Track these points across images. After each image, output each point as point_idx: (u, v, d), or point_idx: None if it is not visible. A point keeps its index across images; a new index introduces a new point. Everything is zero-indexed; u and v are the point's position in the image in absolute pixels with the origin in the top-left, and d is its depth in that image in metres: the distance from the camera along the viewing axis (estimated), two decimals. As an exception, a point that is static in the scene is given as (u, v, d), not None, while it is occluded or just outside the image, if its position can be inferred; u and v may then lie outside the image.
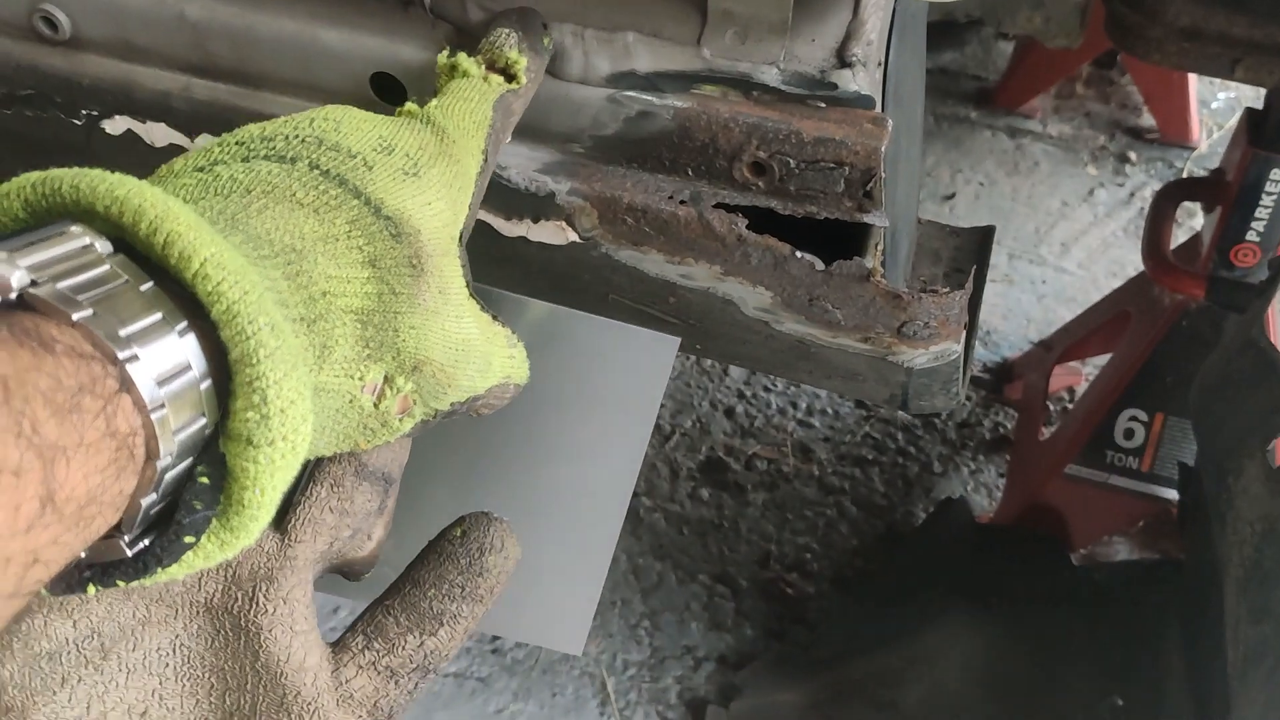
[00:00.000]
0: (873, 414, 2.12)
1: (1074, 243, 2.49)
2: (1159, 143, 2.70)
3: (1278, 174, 1.47)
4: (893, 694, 1.65)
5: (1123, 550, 1.91)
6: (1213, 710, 1.31)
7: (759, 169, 0.69)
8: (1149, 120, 2.73)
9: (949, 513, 1.90)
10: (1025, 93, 2.75)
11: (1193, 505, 1.50)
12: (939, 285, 0.80)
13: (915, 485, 2.03)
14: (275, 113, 0.76)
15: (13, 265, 0.37)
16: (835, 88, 0.67)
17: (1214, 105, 2.82)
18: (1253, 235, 1.52)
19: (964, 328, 0.75)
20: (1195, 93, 2.66)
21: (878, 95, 0.68)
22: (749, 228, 0.71)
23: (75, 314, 0.37)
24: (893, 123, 0.68)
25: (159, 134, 0.79)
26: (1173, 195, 1.67)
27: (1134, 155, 2.68)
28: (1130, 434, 1.72)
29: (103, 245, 0.40)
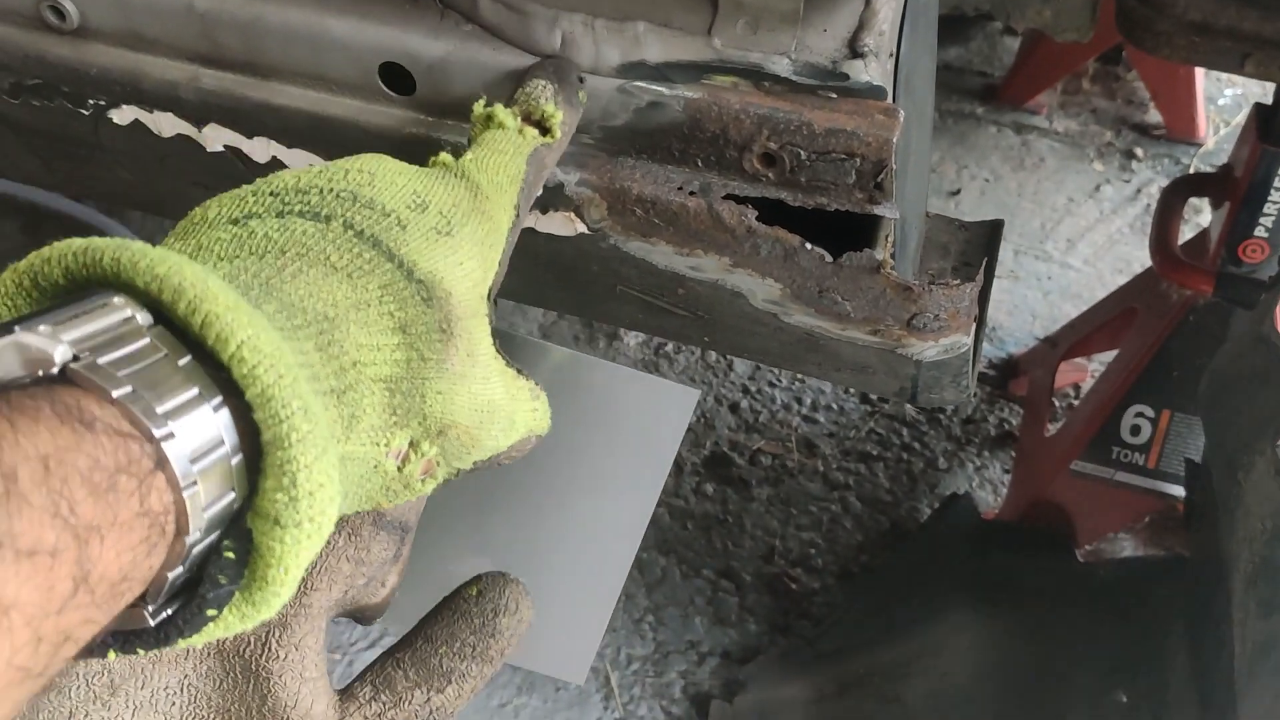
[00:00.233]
0: (878, 410, 2.12)
1: (1080, 239, 2.49)
2: (1165, 139, 2.69)
3: (1287, 170, 1.46)
4: (897, 689, 1.65)
5: (1128, 547, 1.91)
6: (1218, 705, 1.31)
7: (769, 160, 0.69)
8: (1155, 117, 2.72)
9: (954, 508, 1.90)
10: (1031, 89, 2.74)
11: (1200, 501, 1.50)
12: (948, 278, 0.80)
13: (920, 481, 2.02)
14: (283, 103, 0.76)
15: (56, 340, 0.37)
16: (847, 78, 0.67)
17: (1221, 102, 2.81)
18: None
19: (974, 320, 0.75)
20: (1202, 89, 2.65)
21: (889, 86, 0.68)
22: (758, 219, 0.71)
23: (115, 391, 0.37)
24: (904, 114, 0.67)
25: (166, 124, 0.79)
26: (1181, 191, 1.67)
27: (1140, 152, 2.67)
28: (1137, 430, 1.72)
29: (143, 317, 0.41)
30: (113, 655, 0.42)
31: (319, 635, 0.51)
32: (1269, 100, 1.48)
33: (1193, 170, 2.61)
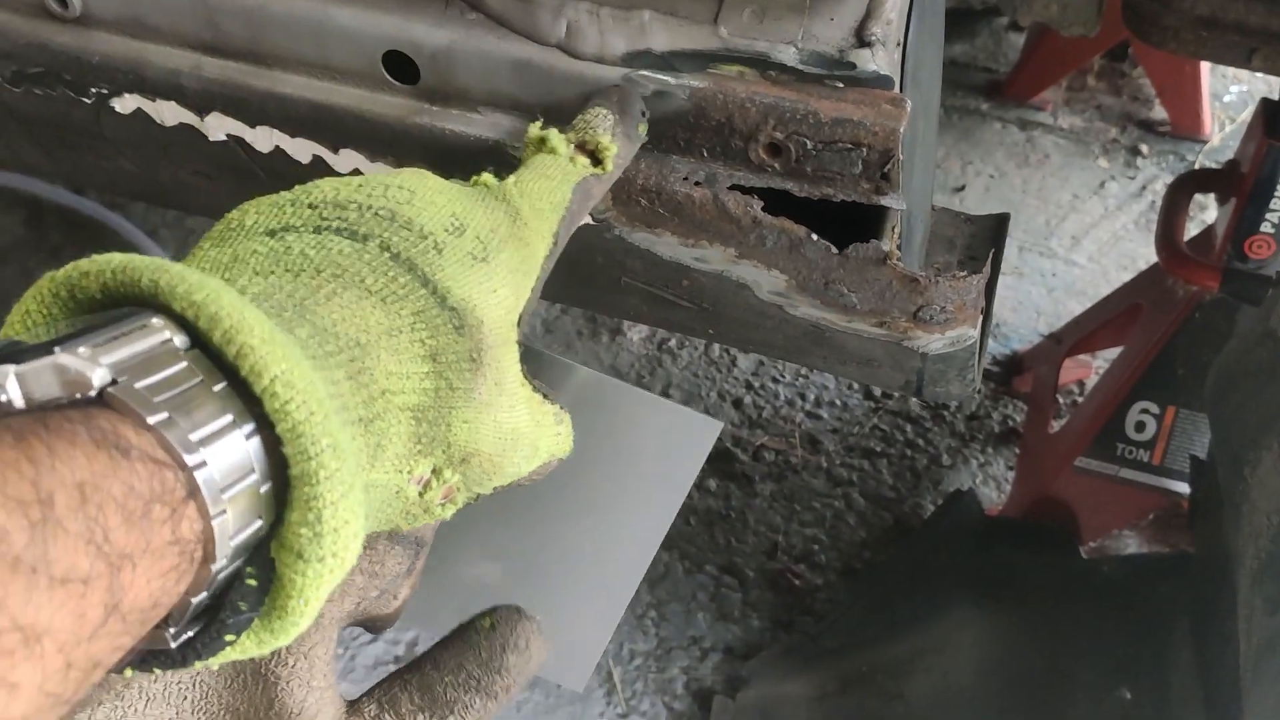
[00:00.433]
0: (881, 406, 2.11)
1: (1084, 236, 2.48)
2: (1171, 136, 2.69)
3: (1294, 165, 1.46)
4: (900, 685, 1.65)
5: (1132, 544, 1.90)
6: (1223, 702, 1.30)
7: (775, 150, 0.69)
8: (1161, 113, 2.71)
9: (958, 505, 1.89)
10: (1036, 85, 2.73)
11: (1204, 498, 1.49)
12: (955, 271, 0.79)
13: (923, 477, 2.02)
14: (287, 92, 0.75)
15: (95, 363, 0.37)
16: (854, 67, 0.66)
17: (1226, 98, 2.80)
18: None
19: (980, 313, 0.74)
20: (1208, 86, 2.65)
21: (896, 76, 0.67)
22: (764, 210, 0.70)
23: (151, 417, 0.38)
24: (911, 104, 0.67)
25: (169, 112, 0.78)
26: (1187, 187, 1.66)
27: (1145, 148, 2.66)
28: (1141, 427, 1.71)
29: (180, 340, 0.41)
30: (129, 673, 0.42)
31: (329, 645, 0.51)
32: (1275, 96, 1.48)
33: (1198, 167, 2.60)
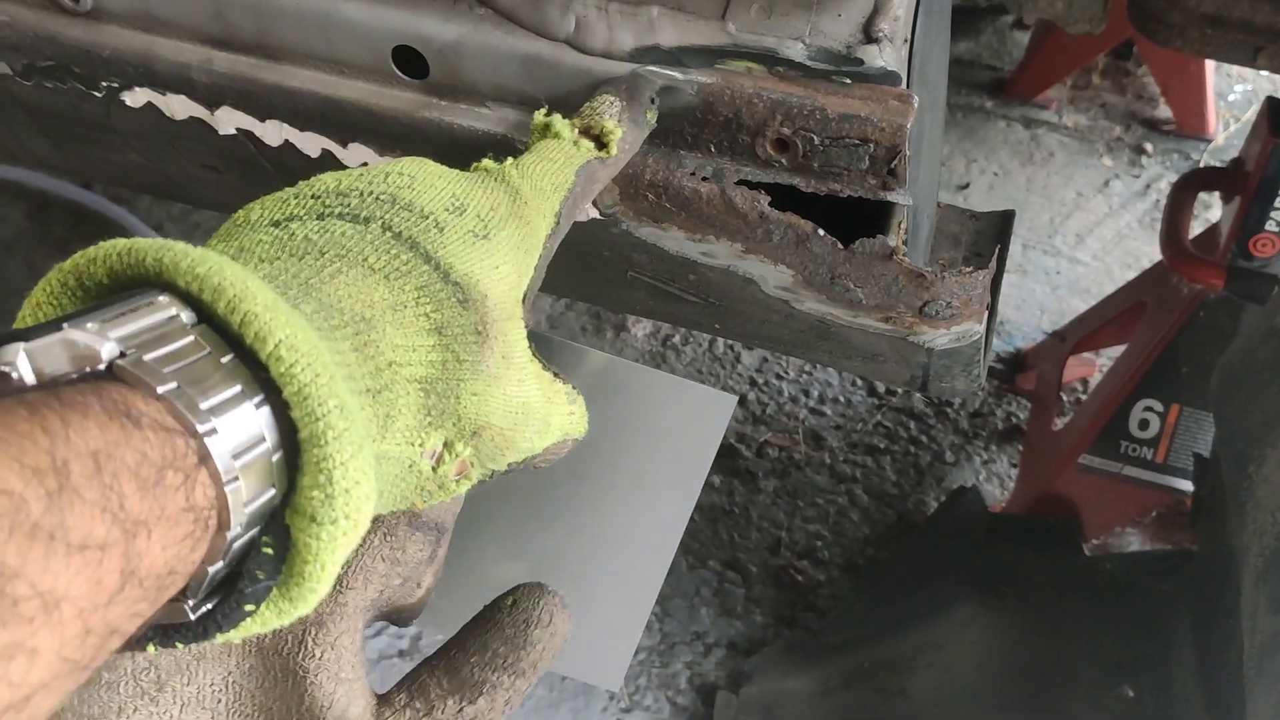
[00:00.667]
0: (885, 403, 2.11)
1: (1088, 234, 2.48)
2: (1175, 134, 2.69)
3: (1298, 164, 1.46)
4: (902, 681, 1.65)
5: (1134, 541, 1.90)
6: (1225, 700, 1.31)
7: (782, 145, 0.69)
8: (1165, 112, 2.71)
9: (961, 501, 1.89)
10: (1041, 83, 2.73)
11: (1208, 496, 1.50)
12: (961, 267, 0.80)
13: (927, 474, 2.02)
14: (296, 86, 0.75)
15: (103, 337, 0.38)
16: (861, 63, 0.67)
17: (1231, 98, 2.80)
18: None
19: (986, 308, 0.75)
20: (1212, 85, 2.65)
21: (904, 72, 0.67)
22: (771, 205, 0.70)
23: (160, 387, 0.38)
24: (918, 100, 0.67)
25: (179, 106, 0.79)
26: (1191, 185, 1.66)
27: (1150, 147, 2.66)
28: (1145, 425, 1.71)
29: (187, 316, 0.41)
30: (152, 649, 0.42)
31: (355, 635, 0.52)
32: (1281, 94, 1.48)
33: (1202, 165, 2.60)
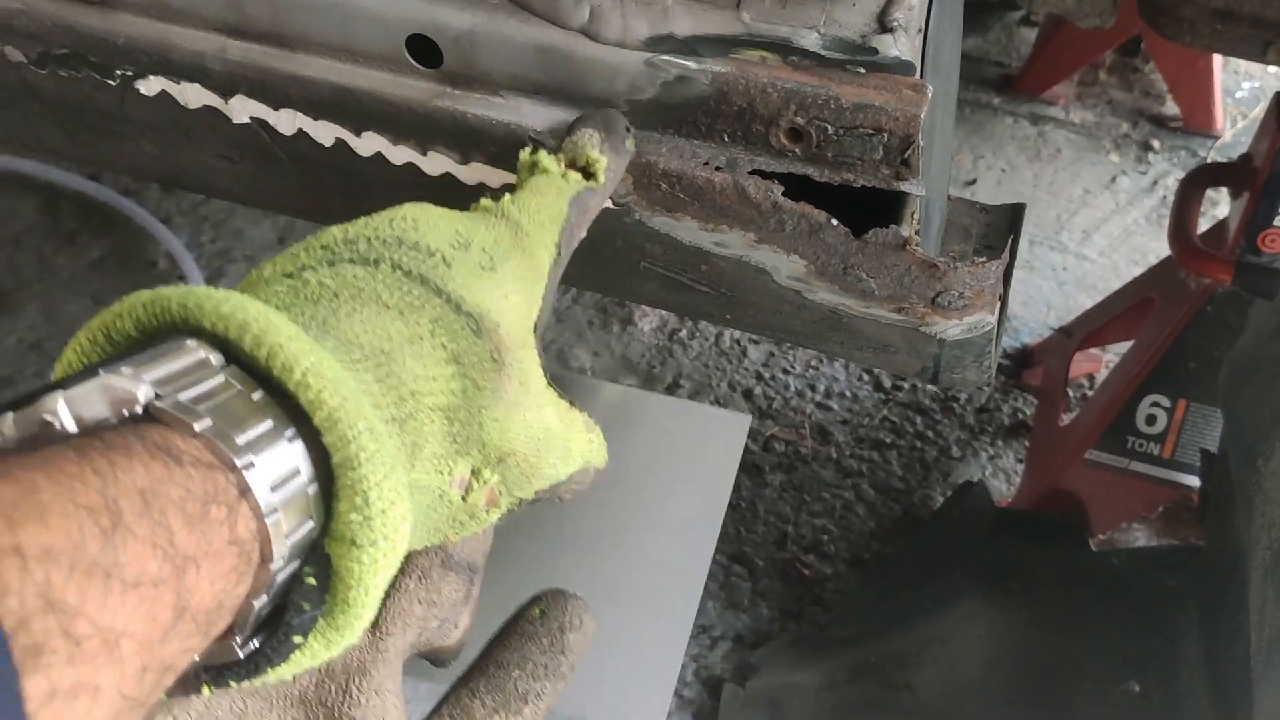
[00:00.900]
0: (891, 398, 2.11)
1: (1095, 230, 2.48)
2: (1182, 131, 2.68)
3: (1307, 159, 1.46)
4: (908, 676, 1.65)
5: (1141, 537, 1.90)
6: (1232, 695, 1.31)
7: (796, 135, 0.69)
8: (1173, 108, 2.71)
9: (968, 496, 1.89)
10: (1048, 79, 2.73)
11: (1215, 491, 1.50)
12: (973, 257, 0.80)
13: (933, 469, 2.02)
14: (310, 75, 0.76)
15: (139, 380, 0.39)
16: (875, 53, 0.67)
17: (1238, 94, 2.80)
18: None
19: (998, 299, 0.75)
20: (1220, 81, 2.64)
21: (918, 61, 0.68)
22: (784, 195, 0.71)
23: (197, 424, 0.39)
24: (932, 90, 0.67)
25: (193, 95, 0.79)
26: (1200, 180, 1.66)
27: (1157, 143, 2.66)
28: (1152, 420, 1.71)
29: (216, 358, 0.43)
30: (206, 690, 0.43)
31: (397, 679, 0.52)
32: (1291, 89, 1.48)
33: (1210, 162, 2.60)
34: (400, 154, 0.77)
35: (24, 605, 0.31)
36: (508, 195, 0.62)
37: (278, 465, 0.41)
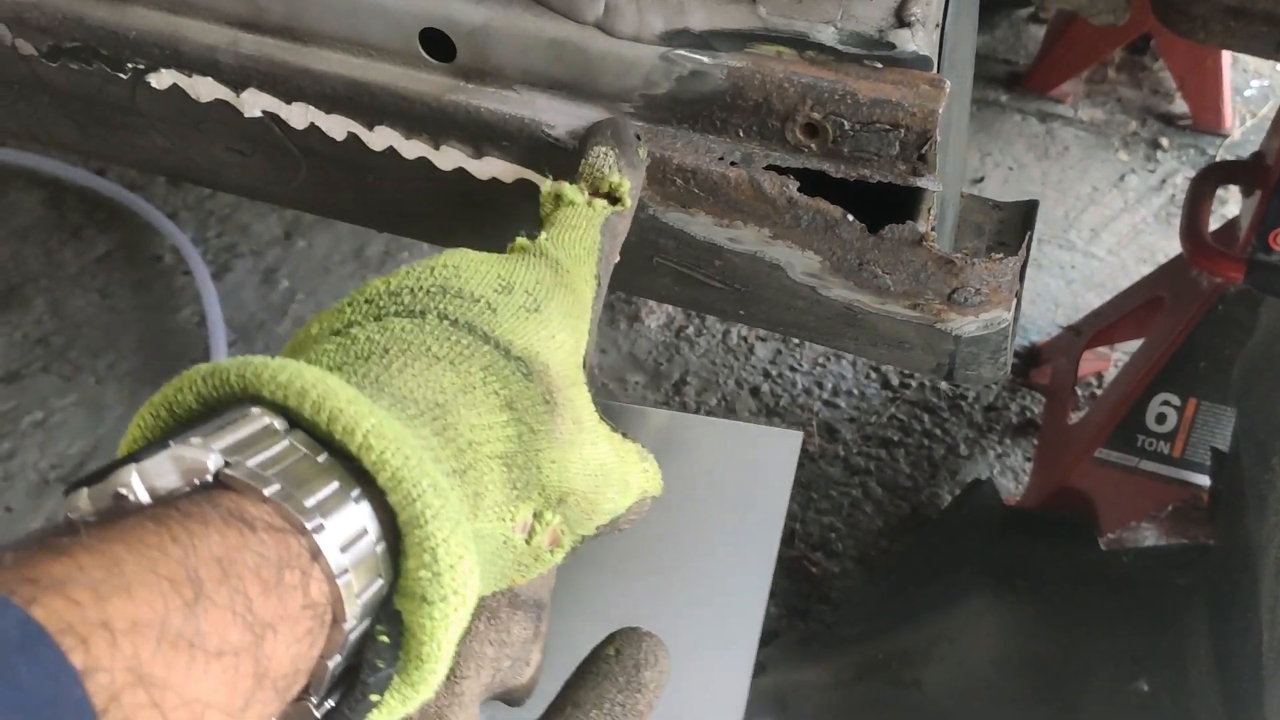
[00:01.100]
0: (899, 396, 2.11)
1: (1104, 228, 2.47)
2: (1191, 129, 2.68)
3: (1320, 157, 1.45)
4: (916, 674, 1.65)
5: (1150, 536, 1.90)
6: (1242, 694, 1.30)
7: (812, 130, 0.69)
8: (1181, 107, 2.70)
9: (977, 494, 1.89)
10: (1056, 77, 2.72)
11: (1226, 490, 1.49)
12: (989, 253, 0.79)
13: (941, 467, 2.02)
14: (323, 68, 0.75)
15: (208, 449, 0.40)
16: (893, 48, 0.66)
17: (1247, 93, 2.79)
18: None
19: (1015, 296, 0.74)
20: (1229, 80, 2.63)
21: (935, 56, 0.67)
22: (799, 190, 0.70)
23: (266, 489, 0.40)
24: (950, 85, 0.67)
25: (205, 88, 0.79)
26: (1212, 178, 1.66)
27: (1166, 142, 2.65)
28: (1162, 419, 1.71)
29: (279, 423, 0.43)
30: None
31: None
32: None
33: (1219, 160, 2.59)
34: (413, 148, 0.76)
35: (114, 680, 0.31)
36: (543, 233, 0.63)
37: (346, 526, 0.42)
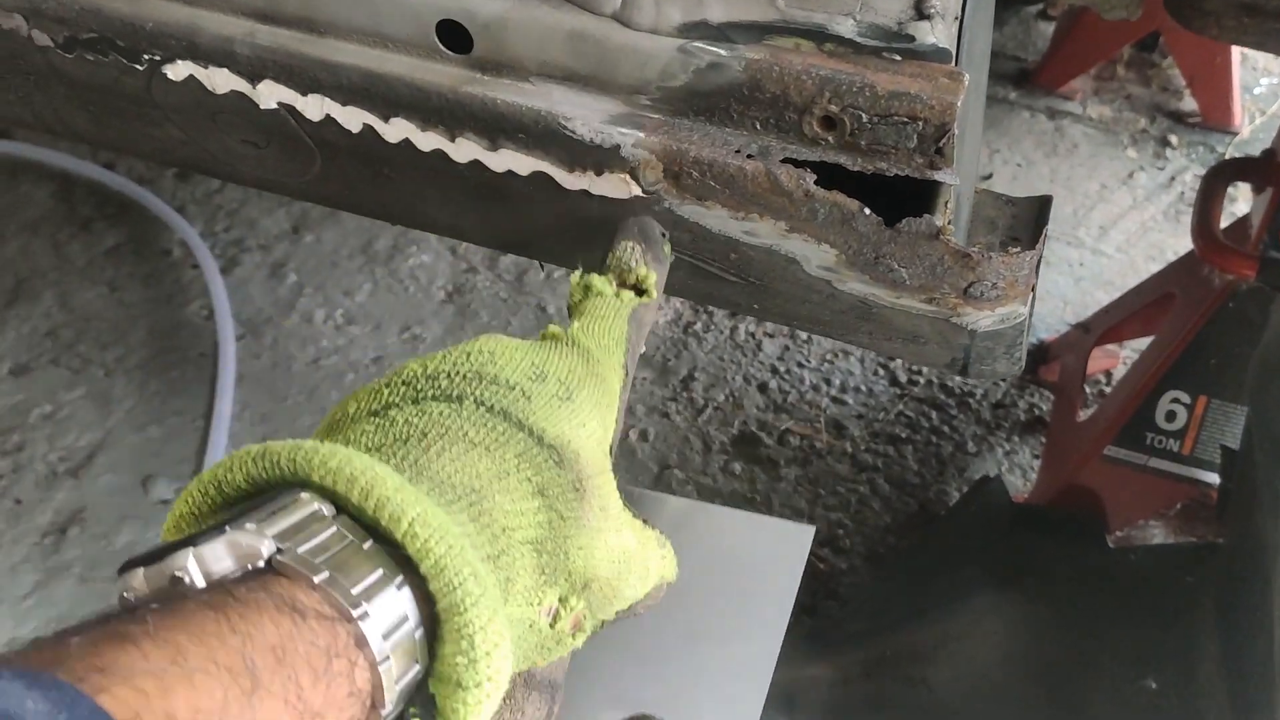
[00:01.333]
0: (907, 392, 2.11)
1: (1112, 226, 2.47)
2: (1200, 127, 2.67)
3: (1332, 155, 1.45)
4: (923, 671, 1.64)
5: (1158, 534, 1.89)
6: (1251, 692, 1.30)
7: (829, 123, 0.68)
8: (1190, 104, 2.70)
9: (984, 491, 1.89)
10: (1065, 74, 2.72)
11: (1236, 488, 1.49)
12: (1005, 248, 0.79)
13: (949, 464, 2.02)
14: (339, 60, 0.75)
15: (262, 536, 0.42)
16: (912, 40, 0.66)
17: (1256, 91, 2.78)
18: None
19: (1031, 290, 0.74)
20: (1238, 77, 2.63)
21: (954, 49, 0.67)
22: (815, 183, 0.70)
23: (316, 577, 0.42)
24: (968, 78, 0.67)
25: (221, 80, 0.79)
26: (1224, 175, 1.65)
27: (1175, 139, 2.65)
28: (1172, 416, 1.70)
29: (327, 509, 0.45)
30: None
31: None
32: (1316, 84, 1.46)
33: (1229, 158, 2.59)
34: (428, 140, 0.76)
35: None
36: (575, 323, 0.65)
37: (389, 613, 0.43)
